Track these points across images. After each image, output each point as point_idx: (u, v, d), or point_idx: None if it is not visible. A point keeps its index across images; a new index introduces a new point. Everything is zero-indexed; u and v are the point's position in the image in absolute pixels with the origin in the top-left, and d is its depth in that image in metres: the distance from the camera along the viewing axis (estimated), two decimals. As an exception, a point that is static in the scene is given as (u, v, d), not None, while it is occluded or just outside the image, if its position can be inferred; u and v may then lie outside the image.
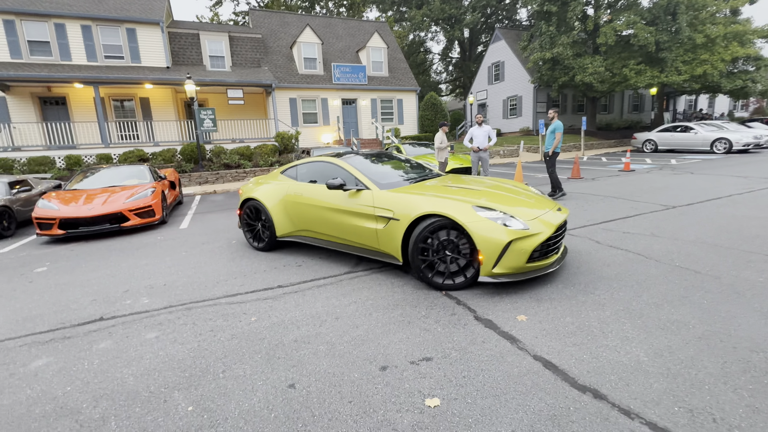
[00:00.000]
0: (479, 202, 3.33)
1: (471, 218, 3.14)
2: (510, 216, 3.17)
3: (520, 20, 37.65)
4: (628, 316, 2.67)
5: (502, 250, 3.03)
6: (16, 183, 7.87)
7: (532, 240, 3.07)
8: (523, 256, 3.06)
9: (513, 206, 3.38)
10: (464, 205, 3.27)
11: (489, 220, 3.12)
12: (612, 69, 19.21)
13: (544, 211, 3.43)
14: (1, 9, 13.78)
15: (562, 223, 3.42)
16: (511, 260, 3.07)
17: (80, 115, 15.55)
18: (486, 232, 3.07)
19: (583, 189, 8.17)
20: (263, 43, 19.65)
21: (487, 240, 3.06)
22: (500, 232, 3.05)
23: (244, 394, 2.05)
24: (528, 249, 3.06)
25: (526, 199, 3.66)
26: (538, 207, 3.50)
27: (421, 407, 1.89)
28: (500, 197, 3.59)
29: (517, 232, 3.06)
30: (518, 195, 3.77)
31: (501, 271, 3.10)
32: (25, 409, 2.03)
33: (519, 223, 3.13)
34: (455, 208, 3.24)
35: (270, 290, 3.52)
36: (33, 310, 3.39)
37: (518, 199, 3.63)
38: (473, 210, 3.20)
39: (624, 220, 5.37)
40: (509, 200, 3.53)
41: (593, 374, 2.07)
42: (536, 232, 3.11)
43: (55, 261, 4.98)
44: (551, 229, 3.19)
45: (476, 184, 4.01)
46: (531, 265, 3.15)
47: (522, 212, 3.30)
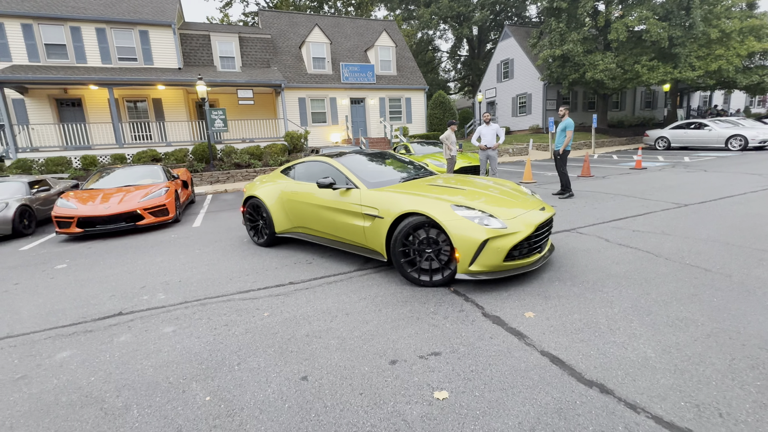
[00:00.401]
0: (459, 201, 3.39)
1: (448, 216, 3.21)
2: (489, 215, 3.22)
3: (529, 17, 37.29)
4: (636, 313, 2.68)
5: (478, 248, 3.09)
6: (36, 183, 8.11)
7: (510, 239, 3.11)
8: (500, 255, 3.11)
9: (494, 205, 3.42)
10: (443, 203, 3.33)
11: (466, 218, 3.18)
12: (623, 65, 18.94)
13: (526, 210, 3.44)
14: (19, 13, 14.17)
15: (544, 222, 3.42)
16: (488, 258, 3.12)
17: (95, 116, 15.90)
18: (462, 230, 3.13)
19: (594, 187, 8.11)
20: (272, 44, 19.83)
21: (463, 238, 3.12)
22: (476, 230, 3.10)
23: (259, 386, 2.13)
24: (505, 248, 3.10)
25: (511, 199, 3.67)
26: (521, 206, 3.51)
27: (430, 399, 1.94)
28: (484, 196, 3.63)
29: (494, 231, 3.10)
30: (504, 195, 3.79)
31: (478, 268, 3.16)
32: (53, 398, 2.14)
33: (497, 222, 3.17)
34: (434, 206, 3.31)
35: (281, 287, 3.60)
36: (55, 304, 3.52)
37: (503, 198, 3.66)
38: (451, 208, 3.26)
39: (634, 218, 5.34)
40: (493, 199, 3.58)
41: (600, 369, 2.10)
42: (514, 232, 3.15)
43: (75, 258, 5.14)
44: (531, 229, 3.22)
45: (465, 183, 4.05)
46: (509, 263, 3.19)
47: (502, 211, 3.34)
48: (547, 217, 3.48)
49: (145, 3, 17.11)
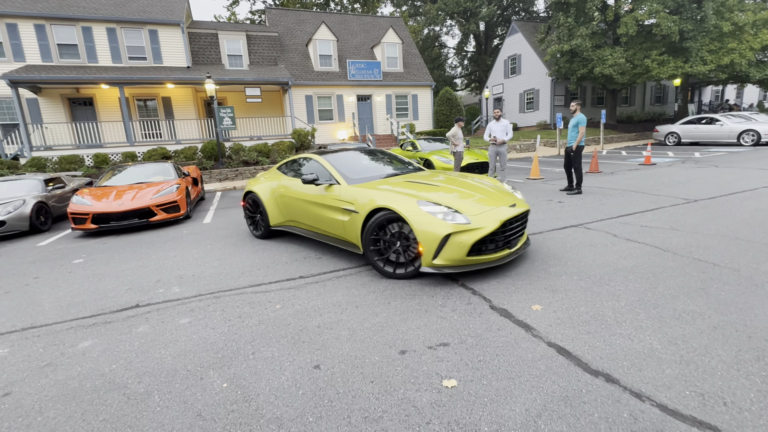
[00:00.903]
0: (427, 197, 3.52)
1: (413, 212, 3.34)
2: (455, 211, 3.33)
3: (537, 12, 36.93)
4: (643, 307, 2.71)
5: (440, 242, 3.20)
6: (50, 180, 8.30)
7: (473, 234, 3.20)
8: (463, 249, 3.20)
9: (464, 202, 3.52)
10: (410, 199, 3.47)
11: (429, 214, 3.29)
12: (633, 60, 18.71)
13: (495, 207, 3.52)
14: (32, 14, 14.42)
15: (512, 218, 3.48)
16: (451, 252, 3.22)
17: (106, 114, 16.15)
18: (425, 225, 3.25)
19: (602, 183, 8.08)
20: (280, 42, 19.92)
21: (425, 233, 3.24)
22: (439, 225, 3.21)
23: (273, 374, 2.21)
24: (468, 243, 3.19)
25: (484, 196, 3.74)
26: (492, 203, 3.58)
27: (438, 387, 2.00)
28: (457, 193, 3.72)
29: (457, 226, 3.20)
30: (478, 191, 3.84)
31: (441, 262, 3.27)
32: (78, 384, 2.24)
33: (462, 218, 3.27)
34: (401, 202, 3.45)
35: (292, 280, 3.68)
36: (75, 297, 3.64)
37: (475, 195, 3.72)
38: (417, 204, 3.39)
39: (642, 213, 5.33)
40: (464, 196, 3.67)
41: (606, 360, 2.14)
42: (478, 227, 3.23)
43: (91, 253, 5.28)
44: (496, 225, 3.29)
45: (444, 181, 4.15)
46: (473, 258, 3.29)
47: (471, 207, 3.43)
48: (516, 214, 3.53)
49: (154, 3, 17.30)
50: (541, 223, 5.16)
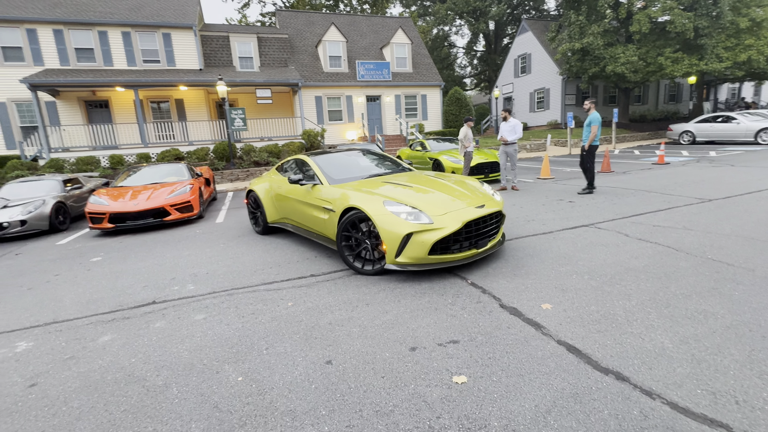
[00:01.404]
0: (395, 197, 3.67)
1: (378, 211, 3.48)
2: (419, 211, 3.43)
3: (547, 10, 36.58)
4: (654, 306, 2.70)
5: (401, 241, 3.33)
6: (69, 181, 8.53)
7: (434, 234, 3.30)
8: (425, 248, 3.31)
9: (431, 202, 3.61)
10: (377, 199, 3.62)
11: (393, 213, 3.42)
12: (646, 58, 18.42)
13: (460, 208, 3.58)
14: (51, 19, 14.82)
15: (477, 219, 3.55)
16: (413, 251, 3.34)
17: (121, 116, 16.50)
18: (388, 224, 3.39)
19: (614, 183, 7.99)
20: (290, 43, 20.11)
21: (388, 232, 3.38)
22: (401, 225, 3.34)
23: (287, 368, 2.26)
24: (429, 242, 3.29)
25: (453, 197, 3.80)
26: (459, 204, 3.64)
27: (448, 383, 2.03)
28: (429, 194, 3.83)
29: (418, 225, 3.32)
30: (450, 192, 3.90)
31: (404, 260, 3.40)
32: (100, 376, 2.32)
33: (425, 218, 3.38)
34: (369, 202, 3.62)
35: (304, 279, 3.74)
36: (94, 294, 3.76)
37: (445, 196, 3.80)
38: (382, 204, 3.53)
39: (655, 213, 5.27)
40: (435, 197, 3.75)
41: (616, 358, 2.14)
42: (439, 227, 3.32)
43: (108, 252, 5.43)
44: (458, 225, 3.36)
45: (421, 182, 4.26)
46: (436, 257, 3.39)
47: (435, 208, 3.52)
48: (482, 215, 3.57)
49: (168, 6, 17.62)
50: (552, 223, 5.14)
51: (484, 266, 3.70)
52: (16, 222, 6.66)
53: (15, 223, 6.65)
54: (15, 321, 3.25)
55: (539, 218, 5.46)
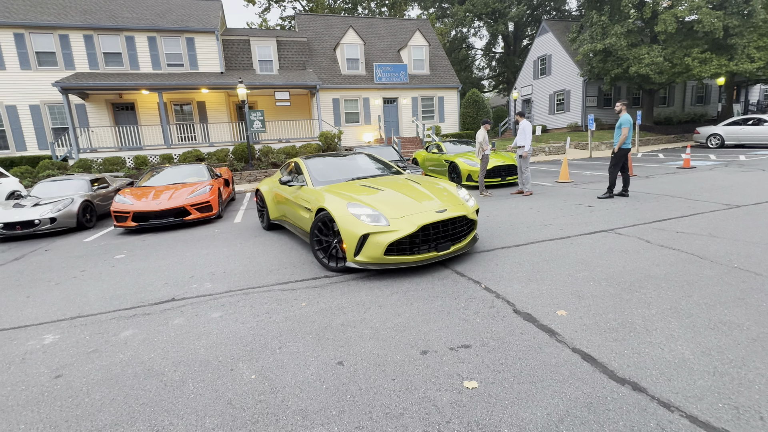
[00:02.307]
0: (361, 200, 3.87)
1: (341, 213, 3.72)
2: (379, 213, 3.61)
3: (569, 11, 35.92)
4: (676, 315, 2.62)
5: (358, 241, 3.52)
6: (96, 180, 8.86)
7: (389, 235, 3.47)
8: (380, 249, 3.48)
9: (393, 206, 3.77)
10: (342, 202, 3.86)
11: (353, 215, 3.63)
12: (672, 59, 17.86)
13: (420, 212, 3.70)
14: (82, 25, 15.48)
15: (434, 223, 3.63)
16: (370, 251, 3.53)
17: (146, 118, 17.05)
18: (348, 225, 3.61)
19: (636, 187, 7.77)
20: (308, 46, 20.38)
21: (347, 231, 3.60)
22: (358, 226, 3.55)
23: (299, 368, 2.30)
24: (384, 243, 3.46)
25: (418, 201, 3.92)
26: (420, 208, 3.76)
27: (459, 388, 2.02)
28: (395, 197, 3.99)
29: (374, 227, 3.50)
30: (418, 196, 4.03)
31: (363, 259, 3.60)
32: (120, 369, 2.41)
33: (384, 220, 3.55)
34: (334, 203, 3.87)
35: (317, 279, 3.78)
36: (117, 290, 3.90)
37: (412, 199, 3.94)
38: (345, 206, 3.75)
39: (679, 219, 5.10)
40: (400, 200, 3.91)
41: (633, 368, 2.09)
42: (394, 230, 3.49)
43: (131, 249, 5.62)
44: (413, 228, 3.49)
45: (394, 185, 4.42)
46: (392, 257, 3.56)
47: (395, 211, 3.68)
48: (440, 219, 3.64)
49: (191, 12, 18.14)
50: (569, 228, 5.04)
51: (498, 271, 3.66)
52: (47, 219, 6.96)
53: (45, 221, 6.96)
54: (43, 314, 3.40)
55: (556, 223, 5.36)
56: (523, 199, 7.45)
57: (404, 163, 9.72)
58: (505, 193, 8.36)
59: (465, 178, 9.14)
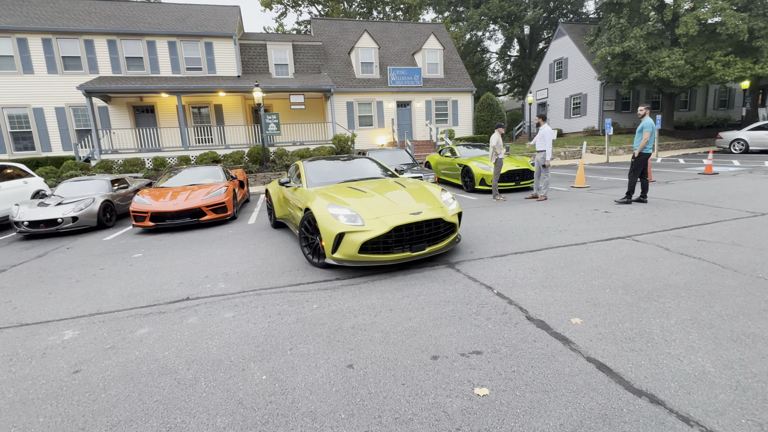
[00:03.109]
0: (342, 201, 4.11)
1: (321, 212, 3.97)
2: (356, 214, 3.83)
3: (586, 14, 35.44)
4: (696, 326, 2.54)
5: (335, 239, 3.78)
6: (116, 181, 9.11)
7: (363, 235, 3.68)
8: (355, 247, 3.69)
9: (371, 207, 3.97)
10: (324, 202, 4.12)
11: (332, 215, 3.88)
12: (693, 62, 17.42)
13: (394, 213, 3.87)
14: (106, 31, 15.99)
15: (409, 224, 3.78)
16: (346, 249, 3.76)
17: (165, 121, 17.46)
18: (326, 224, 3.86)
19: (655, 193, 7.58)
20: (323, 50, 20.60)
21: (326, 230, 3.86)
22: (335, 225, 3.80)
23: (309, 370, 2.30)
24: (358, 241, 3.67)
25: (394, 202, 4.09)
26: (397, 210, 3.94)
27: (470, 395, 2.00)
28: (376, 199, 4.17)
29: (349, 226, 3.74)
30: (397, 199, 4.20)
31: (340, 256, 3.83)
32: (135, 366, 2.46)
33: (360, 221, 3.77)
34: (317, 204, 4.13)
35: (329, 282, 3.80)
36: (134, 288, 3.99)
37: (391, 202, 4.11)
38: (326, 206, 4.01)
39: (700, 227, 4.95)
40: (380, 202, 4.09)
41: (651, 380, 2.03)
42: (368, 229, 3.69)
43: (148, 249, 5.74)
44: (385, 229, 3.68)
45: (378, 188, 4.58)
46: (366, 255, 3.75)
47: (372, 212, 3.88)
48: (413, 221, 3.79)
49: (210, 17, 18.55)
50: (585, 234, 4.95)
51: (511, 276, 3.62)
52: (69, 218, 7.18)
53: (68, 219, 7.18)
54: (64, 310, 3.50)
55: (572, 228, 5.27)
56: (538, 203, 7.35)
57: (417, 165, 9.70)
58: (519, 197, 8.26)
59: (478, 182, 9.06)
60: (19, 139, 16.09)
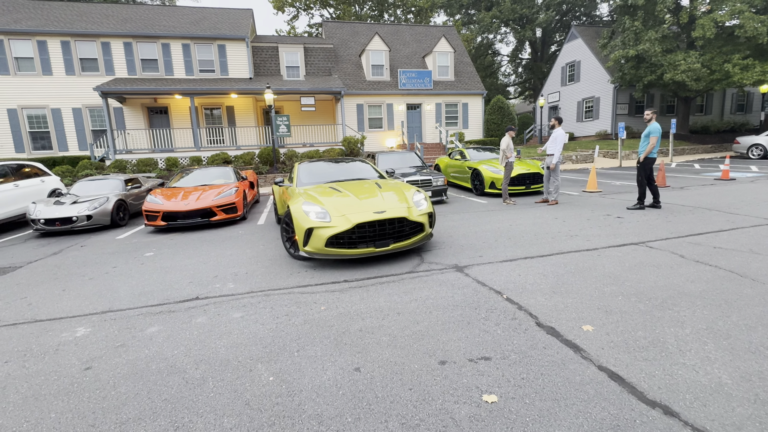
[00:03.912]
0: (318, 199, 4.48)
1: (296, 209, 4.34)
2: (326, 211, 4.19)
3: (599, 16, 35.06)
4: (712, 336, 2.47)
5: (305, 233, 4.14)
6: (129, 180, 9.27)
7: (328, 230, 4.03)
8: (322, 241, 4.04)
9: (340, 206, 4.32)
10: (301, 200, 4.47)
11: (303, 211, 4.25)
12: (710, 65, 17.08)
13: (360, 211, 4.20)
14: (122, 33, 16.32)
15: (371, 222, 4.09)
16: (315, 242, 4.10)
17: (178, 122, 17.73)
18: (299, 219, 4.23)
19: (669, 198, 7.44)
20: (334, 53, 20.72)
21: (298, 225, 4.23)
22: (305, 220, 4.16)
23: (316, 372, 2.30)
24: (324, 236, 4.03)
25: (362, 201, 4.43)
26: (363, 208, 4.26)
27: (478, 401, 1.97)
28: (349, 199, 4.50)
29: (318, 222, 4.09)
30: (366, 197, 4.54)
31: (310, 249, 4.17)
32: (145, 365, 2.48)
33: (329, 217, 4.11)
34: (295, 201, 4.50)
35: (337, 284, 3.80)
36: (145, 287, 4.04)
37: (357, 200, 4.45)
38: (301, 203, 4.37)
39: (717, 234, 4.84)
40: (351, 201, 4.42)
41: (665, 391, 1.97)
42: (332, 225, 4.05)
43: (160, 248, 5.82)
44: (348, 225, 4.02)
45: (355, 188, 4.94)
46: (332, 249, 4.08)
47: (339, 210, 4.23)
48: (375, 219, 4.09)
49: (224, 20, 18.81)
50: (597, 239, 4.87)
51: (520, 281, 3.57)
52: (83, 217, 7.32)
53: (82, 218, 7.32)
54: (77, 307, 3.56)
55: (583, 234, 5.19)
56: (548, 208, 7.26)
57: (427, 168, 9.67)
58: (529, 201, 8.18)
59: (488, 185, 9.00)
60: (37, 139, 16.49)
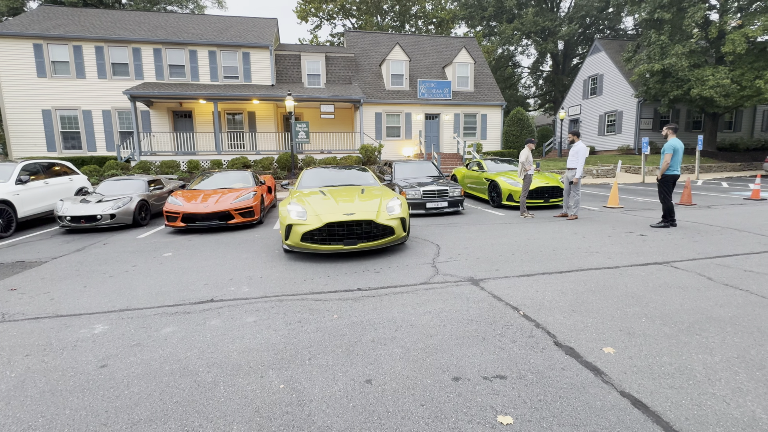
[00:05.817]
0: (303, 200, 5.19)
1: (282, 208, 5.07)
2: (304, 211, 4.84)
3: (624, 29, 34.56)
4: (744, 366, 2.33)
5: (285, 229, 4.82)
6: (152, 182, 9.52)
7: (303, 227, 4.68)
8: (298, 236, 4.70)
9: (317, 206, 4.97)
10: (289, 200, 5.26)
11: (287, 210, 4.93)
12: (741, 81, 16.57)
13: (332, 212, 4.78)
14: (152, 40, 16.96)
15: (340, 222, 4.66)
16: (293, 237, 4.75)
17: (201, 126, 18.21)
18: (283, 216, 4.94)
19: (695, 217, 7.17)
20: (355, 62, 21.00)
21: (281, 221, 4.95)
22: (287, 218, 4.83)
23: (327, 382, 2.27)
24: (300, 232, 4.68)
25: (338, 204, 5.03)
26: (336, 210, 4.85)
27: (492, 422, 1.90)
28: (329, 201, 5.14)
29: (296, 220, 4.75)
30: (343, 201, 5.17)
31: (290, 243, 4.81)
32: (159, 365, 2.50)
33: (305, 216, 4.75)
34: (285, 202, 5.26)
35: (350, 292, 3.78)
36: (162, 287, 4.10)
37: (334, 203, 5.07)
38: (287, 204, 5.10)
39: (747, 256, 4.62)
40: (330, 204, 5.03)
41: (693, 423, 1.86)
42: (307, 223, 4.69)
43: (178, 249, 5.93)
44: (320, 224, 4.63)
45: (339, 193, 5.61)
46: (306, 243, 4.71)
47: (316, 210, 4.85)
48: (343, 220, 4.64)
49: (249, 28, 19.34)
50: (618, 257, 4.71)
51: (538, 298, 3.47)
52: (107, 215, 7.54)
53: (106, 216, 7.54)
54: (96, 305, 3.64)
55: (604, 251, 5.04)
56: (568, 223, 7.10)
57: (443, 178, 9.62)
58: (548, 215, 8.01)
59: (506, 197, 8.88)
60: (68, 139, 17.18)
